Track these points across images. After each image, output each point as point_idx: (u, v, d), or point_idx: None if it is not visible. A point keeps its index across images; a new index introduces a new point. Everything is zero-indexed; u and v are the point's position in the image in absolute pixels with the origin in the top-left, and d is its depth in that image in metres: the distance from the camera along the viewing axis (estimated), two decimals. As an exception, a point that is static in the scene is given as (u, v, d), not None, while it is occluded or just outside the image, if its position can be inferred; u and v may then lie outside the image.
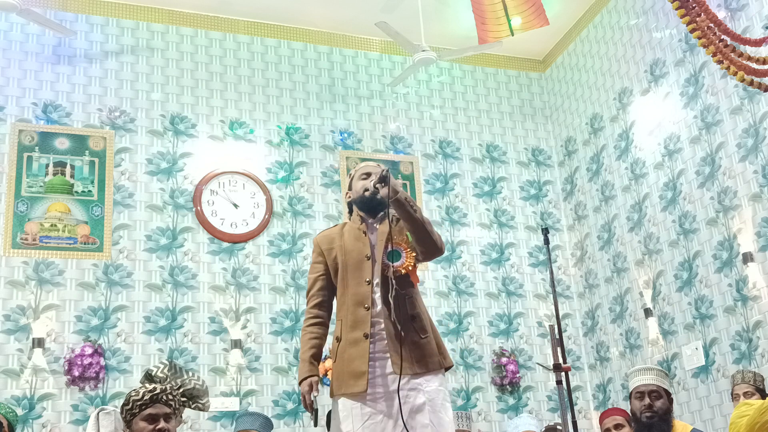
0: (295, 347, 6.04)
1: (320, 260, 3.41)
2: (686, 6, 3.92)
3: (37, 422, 5.31)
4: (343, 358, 3.22)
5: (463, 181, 7.07)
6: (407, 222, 3.24)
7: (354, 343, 3.20)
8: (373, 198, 3.32)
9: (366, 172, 3.44)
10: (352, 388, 3.14)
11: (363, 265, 3.30)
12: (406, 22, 6.54)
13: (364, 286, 3.26)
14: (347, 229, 3.44)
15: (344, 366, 3.20)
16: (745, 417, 3.37)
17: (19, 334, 5.46)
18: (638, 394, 4.03)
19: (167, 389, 3.23)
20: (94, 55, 6.37)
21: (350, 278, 3.30)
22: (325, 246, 3.41)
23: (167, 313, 5.85)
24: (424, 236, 3.25)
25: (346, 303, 3.29)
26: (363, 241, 3.35)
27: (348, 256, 3.33)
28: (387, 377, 3.16)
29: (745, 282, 5.25)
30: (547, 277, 6.91)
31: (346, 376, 3.17)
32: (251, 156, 6.51)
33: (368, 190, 3.34)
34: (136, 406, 3.16)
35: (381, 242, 3.32)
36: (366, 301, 3.24)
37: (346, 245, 3.36)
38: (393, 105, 7.13)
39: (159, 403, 3.18)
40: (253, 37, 6.89)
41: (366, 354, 3.16)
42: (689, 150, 5.84)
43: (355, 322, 3.23)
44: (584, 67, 7.17)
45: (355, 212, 3.46)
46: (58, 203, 5.84)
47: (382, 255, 3.28)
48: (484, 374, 6.49)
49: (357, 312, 3.24)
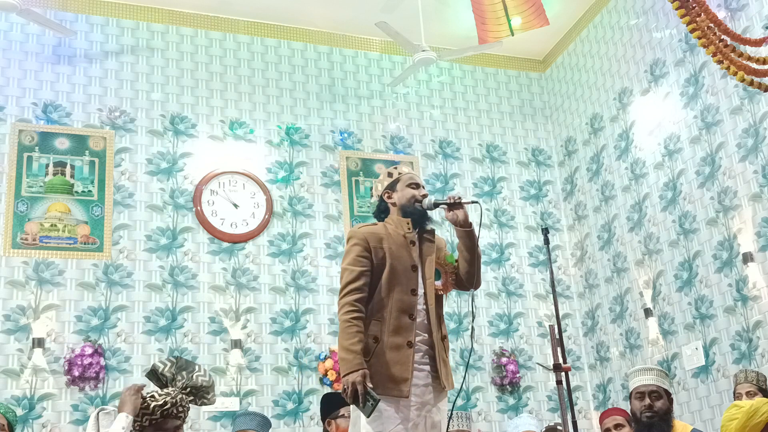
0: (295, 347, 6.04)
1: (367, 255, 3.32)
2: (686, 6, 3.92)
3: (37, 422, 5.31)
4: (381, 360, 3.20)
5: (463, 181, 7.07)
6: (467, 252, 3.37)
7: (396, 348, 3.21)
8: (424, 212, 3.41)
9: (416, 182, 3.49)
10: (391, 392, 3.16)
11: (410, 274, 3.32)
12: (406, 22, 6.54)
13: (410, 295, 3.29)
14: (391, 231, 3.41)
15: (383, 368, 3.19)
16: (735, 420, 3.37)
17: (19, 334, 5.46)
18: (638, 395, 4.02)
19: (177, 401, 3.23)
20: (94, 55, 6.37)
21: (396, 284, 3.29)
22: (374, 243, 3.34)
23: (167, 313, 5.85)
24: (475, 270, 3.39)
25: (388, 307, 3.27)
26: (410, 250, 3.36)
27: (396, 261, 3.32)
28: (420, 387, 3.22)
29: (745, 282, 5.25)
30: (547, 277, 6.91)
31: (385, 378, 3.18)
32: (251, 156, 6.51)
33: (419, 201, 3.40)
34: (146, 419, 3.17)
35: (427, 257, 3.39)
36: (412, 310, 3.27)
37: (393, 249, 3.34)
38: (393, 105, 7.13)
39: (170, 417, 3.19)
40: (253, 37, 6.89)
41: (410, 361, 3.20)
42: (689, 150, 5.84)
43: (399, 327, 3.24)
44: (584, 67, 7.17)
45: (397, 216, 3.45)
46: (58, 203, 5.84)
47: (428, 270, 3.36)
48: (484, 374, 6.49)
49: (401, 319, 3.26)
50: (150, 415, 3.17)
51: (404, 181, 3.47)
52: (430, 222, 3.47)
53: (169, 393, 3.25)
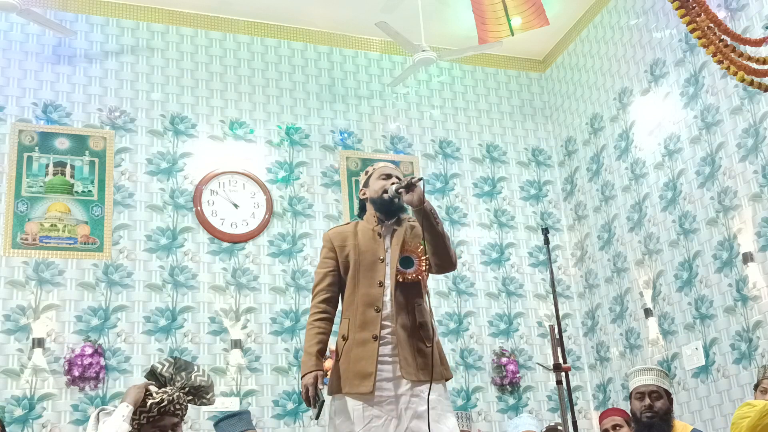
0: (295, 347, 6.04)
1: (332, 256, 3.36)
2: (686, 6, 3.92)
3: (37, 422, 5.31)
4: (348, 357, 3.20)
5: (463, 181, 7.07)
6: (427, 233, 3.23)
7: (362, 343, 3.19)
8: (392, 201, 3.32)
9: (386, 173, 3.44)
10: (357, 388, 3.12)
11: (376, 267, 3.29)
12: (406, 22, 6.54)
13: (375, 287, 3.25)
14: (361, 228, 3.41)
15: (350, 365, 3.18)
16: (747, 419, 3.36)
17: (19, 334, 5.46)
18: (638, 395, 4.03)
19: (174, 399, 3.23)
20: (94, 55, 6.37)
21: (362, 278, 3.28)
22: (338, 242, 3.37)
23: (167, 313, 5.85)
24: (442, 250, 3.27)
25: (355, 303, 3.27)
26: (377, 243, 3.33)
27: (361, 256, 3.31)
28: (392, 381, 3.15)
29: (745, 282, 5.25)
30: (547, 277, 6.91)
31: (352, 375, 3.15)
32: (251, 156, 6.51)
33: (387, 191, 3.33)
34: (143, 416, 3.17)
35: (396, 246, 3.32)
36: (377, 302, 3.23)
37: (360, 245, 3.34)
38: (393, 105, 7.13)
39: (167, 414, 3.19)
40: (253, 37, 6.88)
41: (374, 355, 3.15)
42: (689, 150, 5.84)
43: (365, 322, 3.21)
44: (584, 67, 7.17)
45: (370, 212, 3.44)
46: (58, 203, 5.84)
47: (395, 260, 3.28)
48: (484, 374, 6.49)
49: (367, 313, 3.23)
50: (147, 412, 3.17)
51: (376, 175, 3.46)
52: (403, 211, 3.39)
53: (166, 391, 3.26)
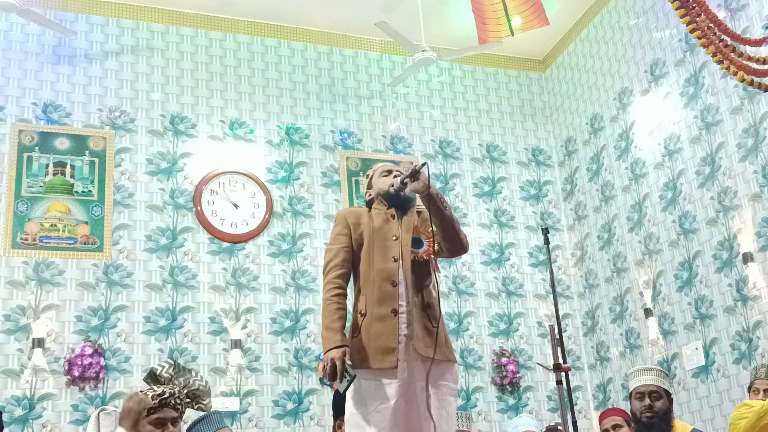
0: (295, 347, 6.04)
1: (346, 233, 3.37)
2: (686, 6, 3.92)
3: (37, 422, 5.31)
4: (368, 333, 3.18)
5: (463, 181, 7.07)
6: (436, 217, 3.28)
7: (381, 318, 3.18)
8: (399, 194, 3.37)
9: (387, 169, 3.51)
10: (379, 364, 3.11)
11: (390, 243, 3.31)
12: (406, 22, 6.54)
13: (391, 262, 3.26)
14: (374, 212, 3.44)
15: (370, 341, 3.16)
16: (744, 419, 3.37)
17: (19, 334, 5.46)
18: (638, 395, 4.02)
19: (175, 393, 3.23)
20: (94, 55, 6.37)
21: (376, 254, 3.29)
22: (352, 220, 3.39)
23: (167, 313, 5.85)
24: (452, 233, 3.31)
25: (371, 278, 3.27)
26: (391, 224, 3.37)
27: (375, 233, 3.33)
28: (405, 361, 3.13)
29: (745, 282, 5.25)
30: (547, 277, 6.90)
31: (372, 351, 3.14)
32: (251, 156, 6.51)
33: (393, 185, 3.38)
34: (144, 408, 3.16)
35: (407, 228, 3.36)
36: (393, 276, 3.24)
37: (374, 223, 3.37)
38: (393, 105, 7.13)
39: (167, 407, 3.19)
40: (253, 37, 6.89)
41: (395, 330, 3.15)
42: (689, 150, 5.84)
43: (382, 297, 3.21)
44: (584, 67, 7.17)
45: (378, 202, 3.47)
46: (58, 203, 5.84)
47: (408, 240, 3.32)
48: (484, 374, 6.49)
49: (384, 287, 3.22)
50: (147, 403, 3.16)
51: (377, 174, 3.53)
52: (412, 202, 3.44)
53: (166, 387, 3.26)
